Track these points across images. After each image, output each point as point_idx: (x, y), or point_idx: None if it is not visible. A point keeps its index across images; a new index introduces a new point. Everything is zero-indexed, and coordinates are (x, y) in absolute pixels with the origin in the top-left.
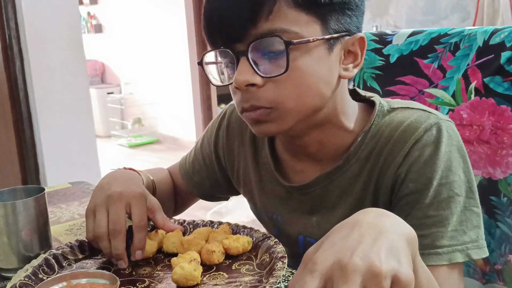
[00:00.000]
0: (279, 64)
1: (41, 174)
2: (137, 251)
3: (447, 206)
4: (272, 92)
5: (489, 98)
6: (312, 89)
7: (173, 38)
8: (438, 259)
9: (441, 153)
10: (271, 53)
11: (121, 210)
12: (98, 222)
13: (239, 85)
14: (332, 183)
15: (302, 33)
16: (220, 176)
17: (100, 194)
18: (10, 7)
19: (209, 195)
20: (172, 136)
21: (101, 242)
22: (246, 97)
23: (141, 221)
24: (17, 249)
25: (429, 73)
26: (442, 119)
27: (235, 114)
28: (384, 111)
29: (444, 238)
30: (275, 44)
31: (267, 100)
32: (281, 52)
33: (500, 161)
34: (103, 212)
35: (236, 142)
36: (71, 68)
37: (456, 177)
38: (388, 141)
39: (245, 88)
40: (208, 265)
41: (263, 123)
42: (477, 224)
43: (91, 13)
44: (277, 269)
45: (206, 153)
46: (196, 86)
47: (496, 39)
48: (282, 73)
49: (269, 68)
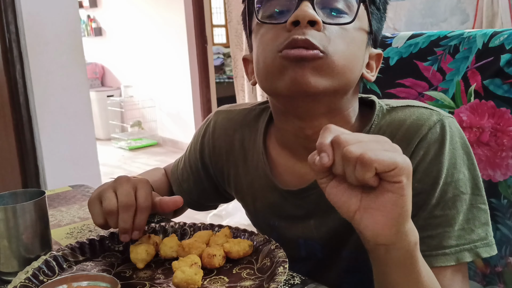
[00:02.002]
0: (342, 18)
1: (41, 177)
2: (135, 232)
3: (453, 205)
4: (328, 38)
5: (488, 101)
6: (354, 61)
7: (173, 41)
8: (446, 259)
9: (446, 151)
10: (336, 8)
11: (130, 189)
12: (107, 199)
13: (303, 17)
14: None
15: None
16: (207, 185)
17: (103, 186)
18: (10, 10)
19: (197, 204)
20: (172, 139)
21: (111, 217)
22: (302, 31)
23: (145, 201)
24: (17, 252)
25: (428, 75)
26: (444, 115)
27: (220, 121)
28: (384, 111)
29: (451, 238)
30: (348, 1)
31: (323, 43)
32: (347, 8)
33: (500, 163)
34: (111, 192)
35: (224, 149)
36: (71, 71)
37: (461, 175)
38: (391, 140)
39: (305, 23)
40: (209, 268)
41: (304, 68)
42: (485, 221)
43: (91, 16)
44: (278, 274)
45: (193, 161)
46: (196, 89)
47: (496, 42)
48: (347, 22)
49: (329, 18)
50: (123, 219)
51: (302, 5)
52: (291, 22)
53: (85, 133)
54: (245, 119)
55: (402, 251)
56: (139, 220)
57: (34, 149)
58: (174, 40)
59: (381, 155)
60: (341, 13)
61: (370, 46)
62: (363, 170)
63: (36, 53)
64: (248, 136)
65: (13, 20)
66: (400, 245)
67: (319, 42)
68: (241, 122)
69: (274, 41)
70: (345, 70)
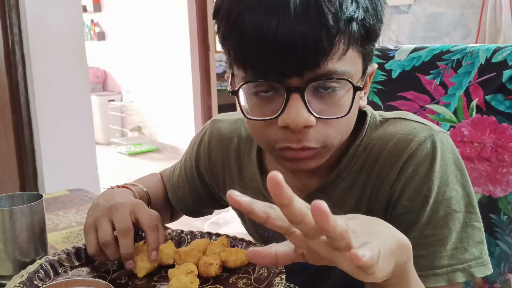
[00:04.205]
0: (336, 105)
1: (39, 180)
2: (152, 252)
3: (444, 224)
4: (322, 132)
5: (490, 116)
6: (350, 125)
7: (175, 48)
8: (437, 280)
9: (436, 169)
10: (330, 94)
11: (126, 215)
12: (102, 230)
13: (295, 127)
14: (322, 198)
15: (352, 72)
16: (202, 193)
17: (99, 208)
18: (14, 12)
19: (192, 211)
20: (172, 145)
21: (107, 249)
22: (296, 137)
23: (151, 222)
24: (13, 256)
25: (431, 89)
26: (436, 130)
27: (216, 131)
28: (376, 122)
29: (443, 258)
30: (341, 86)
31: (318, 141)
32: (343, 95)
33: (500, 179)
34: (106, 222)
35: (220, 159)
36: (73, 74)
37: (454, 193)
38: (379, 154)
39: (298, 130)
40: (205, 277)
41: (303, 161)
42: (479, 239)
43: (95, 21)
44: (274, 285)
45: (188, 169)
46: (197, 96)
47: (498, 57)
48: (344, 115)
49: (322, 108)
50: (124, 245)
51: (292, 103)
52: (282, 126)
53: (85, 137)
54: (241, 128)
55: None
56: (152, 240)
57: (33, 151)
58: (176, 46)
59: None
60: (334, 91)
61: (364, 77)
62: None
63: (38, 55)
64: (244, 147)
65: (17, 22)
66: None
67: (316, 141)
68: (238, 133)
69: (266, 134)
70: (343, 139)
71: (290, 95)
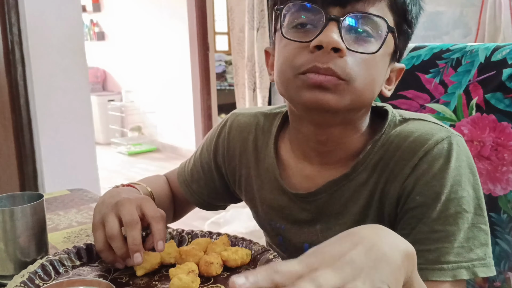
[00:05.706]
0: (368, 43)
1: (40, 180)
2: (159, 242)
3: (454, 221)
4: (351, 65)
5: (490, 115)
6: (374, 83)
7: (175, 48)
8: (443, 274)
9: (451, 167)
10: (364, 31)
11: (133, 208)
12: (109, 224)
13: (327, 44)
14: (337, 191)
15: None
16: (219, 185)
17: (106, 205)
18: (14, 12)
19: (207, 203)
20: (172, 145)
21: (114, 242)
22: (324, 59)
23: (156, 213)
24: (14, 256)
25: (430, 88)
26: (453, 133)
27: (236, 123)
28: (396, 121)
29: (449, 254)
30: (377, 24)
31: (345, 71)
32: (374, 42)
33: (500, 178)
34: (113, 216)
35: (238, 150)
36: (73, 74)
37: (465, 193)
38: (396, 150)
39: (328, 50)
40: (206, 277)
41: (324, 91)
42: (484, 242)
43: (94, 21)
44: None
45: (205, 161)
46: (196, 96)
47: (498, 56)
48: (372, 52)
49: (354, 43)
50: (131, 236)
51: (328, 28)
52: (315, 46)
53: (85, 137)
54: (259, 121)
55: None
56: (158, 231)
57: (33, 152)
58: (176, 46)
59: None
60: (368, 36)
61: (393, 62)
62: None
63: (38, 55)
64: (261, 138)
65: (16, 22)
66: None
67: (341, 70)
68: (256, 125)
69: (295, 59)
70: (365, 92)
71: (328, 23)
